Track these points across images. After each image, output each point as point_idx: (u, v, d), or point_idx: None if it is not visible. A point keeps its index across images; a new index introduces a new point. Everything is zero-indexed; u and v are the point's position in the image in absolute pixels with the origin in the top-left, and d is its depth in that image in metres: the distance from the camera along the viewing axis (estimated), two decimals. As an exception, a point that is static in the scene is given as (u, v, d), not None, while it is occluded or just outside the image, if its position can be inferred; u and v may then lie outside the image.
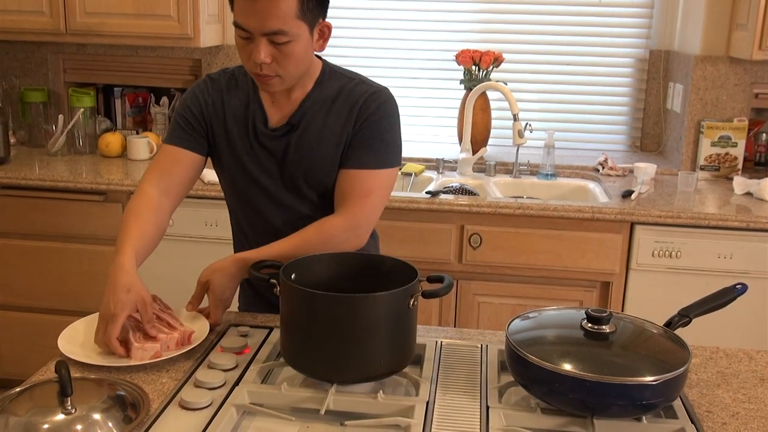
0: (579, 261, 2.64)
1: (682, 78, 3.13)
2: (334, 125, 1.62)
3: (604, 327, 1.26)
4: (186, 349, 1.42)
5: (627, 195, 2.73)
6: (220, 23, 3.22)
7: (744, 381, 1.40)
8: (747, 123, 3.00)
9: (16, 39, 3.21)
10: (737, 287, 1.40)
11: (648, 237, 2.61)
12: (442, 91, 3.45)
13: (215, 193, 2.70)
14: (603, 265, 2.64)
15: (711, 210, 2.61)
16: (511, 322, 1.32)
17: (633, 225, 2.62)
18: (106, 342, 1.38)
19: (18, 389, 1.23)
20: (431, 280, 1.35)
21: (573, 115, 3.44)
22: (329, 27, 1.58)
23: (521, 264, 2.67)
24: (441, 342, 1.49)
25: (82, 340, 1.46)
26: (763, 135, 3.16)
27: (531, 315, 1.36)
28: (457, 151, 3.17)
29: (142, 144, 3.11)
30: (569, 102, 3.43)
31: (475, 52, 3.16)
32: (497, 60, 3.17)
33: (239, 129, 1.65)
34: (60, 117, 3.21)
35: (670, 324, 1.34)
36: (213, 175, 2.72)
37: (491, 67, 3.17)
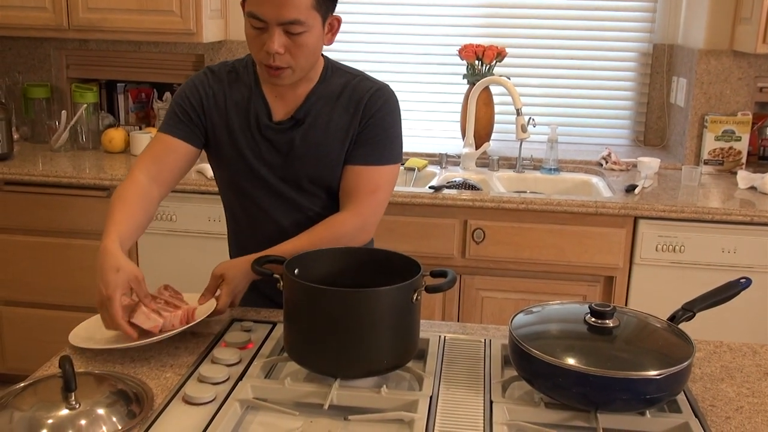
0: (582, 256, 2.64)
1: (685, 72, 3.12)
2: (339, 121, 1.63)
3: (607, 321, 1.26)
4: (189, 326, 1.43)
5: (630, 189, 2.72)
6: (222, 18, 3.22)
7: (748, 375, 1.40)
8: (751, 117, 2.99)
9: (19, 35, 3.21)
10: (741, 281, 1.39)
11: (651, 231, 2.61)
12: (445, 86, 3.44)
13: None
14: (606, 260, 2.64)
15: (715, 204, 2.61)
16: (515, 316, 1.32)
17: (636, 219, 2.61)
18: (115, 326, 1.37)
19: (22, 384, 1.23)
20: (434, 274, 1.35)
21: (576, 110, 3.43)
22: (339, 21, 1.58)
23: (524, 259, 2.67)
24: (444, 337, 1.49)
25: (91, 334, 1.46)
26: (767, 129, 3.15)
27: (534, 310, 1.36)
28: (460, 146, 3.17)
29: (145, 140, 3.11)
30: (572, 96, 3.42)
31: (478, 46, 3.16)
32: (500, 54, 3.16)
33: (240, 121, 1.65)
34: (63, 113, 3.21)
35: (673, 318, 1.34)
36: (216, 171, 2.73)
37: (494, 62, 3.16)
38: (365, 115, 1.62)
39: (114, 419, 1.16)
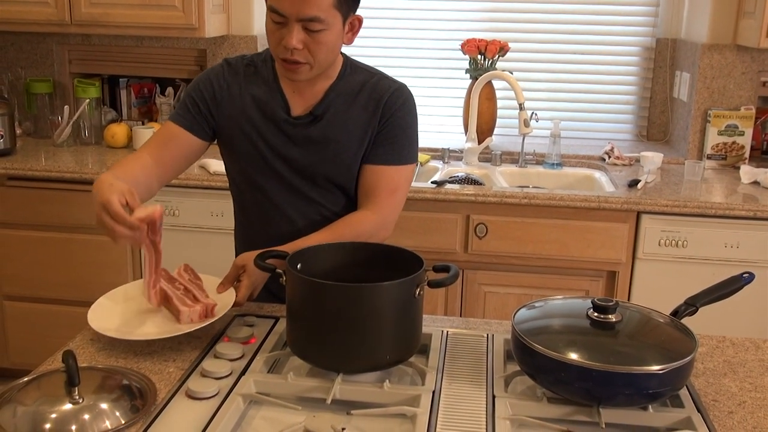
0: (585, 250, 2.63)
1: (688, 66, 3.11)
2: (358, 119, 1.64)
3: (610, 316, 1.26)
4: (209, 322, 1.43)
5: (633, 184, 2.72)
6: (225, 13, 3.21)
7: (750, 370, 1.40)
8: (754, 111, 2.99)
9: (21, 30, 3.21)
10: (744, 276, 1.39)
11: (654, 226, 2.60)
12: (447, 81, 3.44)
13: (221, 184, 2.70)
14: (609, 255, 2.64)
15: (718, 199, 2.60)
16: (517, 311, 1.32)
17: (639, 214, 2.61)
18: (118, 230, 1.36)
19: (26, 379, 1.23)
20: (437, 269, 1.35)
21: (579, 105, 3.43)
22: (360, 21, 1.59)
23: (527, 253, 2.66)
24: (447, 332, 1.49)
25: (111, 316, 1.47)
26: (771, 123, 3.15)
27: (537, 304, 1.36)
28: (463, 141, 3.16)
29: (147, 134, 3.10)
30: (575, 91, 3.41)
31: (481, 41, 3.15)
32: (503, 49, 3.16)
33: (257, 114, 1.65)
34: (65, 108, 3.21)
35: (676, 313, 1.34)
36: (218, 166, 2.73)
37: (497, 57, 3.16)
38: (384, 115, 1.64)
39: (117, 414, 1.16)
